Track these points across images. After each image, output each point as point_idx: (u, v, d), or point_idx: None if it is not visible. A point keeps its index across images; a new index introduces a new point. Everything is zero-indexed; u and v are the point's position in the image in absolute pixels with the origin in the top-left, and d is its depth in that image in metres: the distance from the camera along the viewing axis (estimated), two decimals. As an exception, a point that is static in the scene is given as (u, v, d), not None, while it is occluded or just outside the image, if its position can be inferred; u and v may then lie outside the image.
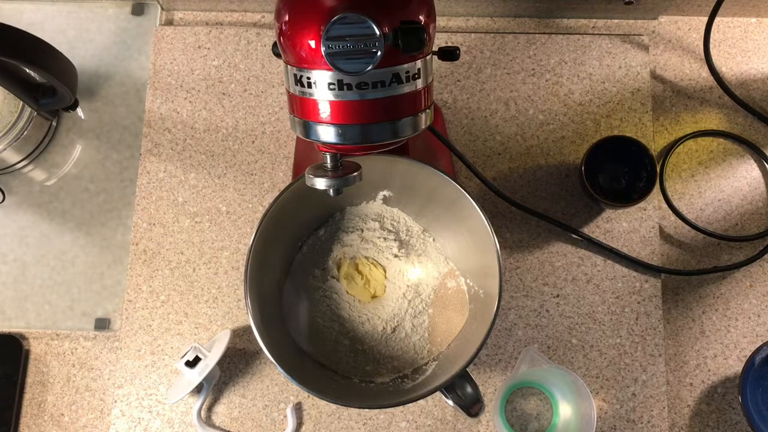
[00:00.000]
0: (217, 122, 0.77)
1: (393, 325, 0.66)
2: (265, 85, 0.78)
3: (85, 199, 0.76)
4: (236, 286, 0.73)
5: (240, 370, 0.71)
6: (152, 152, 0.76)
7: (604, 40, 0.79)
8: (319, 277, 0.67)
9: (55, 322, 0.73)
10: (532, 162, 0.76)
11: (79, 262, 0.75)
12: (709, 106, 0.78)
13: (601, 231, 0.74)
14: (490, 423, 0.70)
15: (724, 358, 0.72)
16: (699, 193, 0.76)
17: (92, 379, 0.72)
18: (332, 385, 0.63)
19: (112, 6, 0.81)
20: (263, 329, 0.56)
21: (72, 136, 0.78)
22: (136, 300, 0.73)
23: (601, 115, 0.77)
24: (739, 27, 0.81)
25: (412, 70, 0.47)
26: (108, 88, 0.79)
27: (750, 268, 0.74)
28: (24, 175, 0.77)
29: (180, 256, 0.74)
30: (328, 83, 0.45)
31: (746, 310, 0.74)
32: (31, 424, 0.71)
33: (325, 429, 0.70)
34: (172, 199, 0.75)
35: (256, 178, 0.76)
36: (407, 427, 0.70)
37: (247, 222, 0.75)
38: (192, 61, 0.78)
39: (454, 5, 0.79)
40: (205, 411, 0.70)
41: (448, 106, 0.78)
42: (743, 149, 0.77)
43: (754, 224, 0.76)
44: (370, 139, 0.48)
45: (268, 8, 0.81)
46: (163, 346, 0.72)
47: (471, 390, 0.56)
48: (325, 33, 0.42)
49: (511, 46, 0.79)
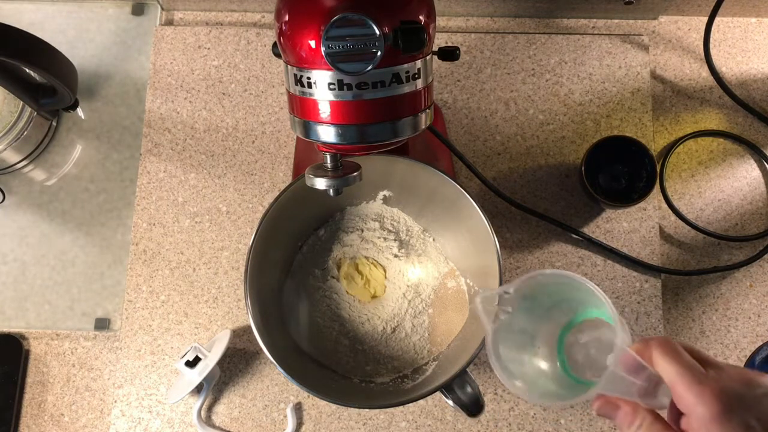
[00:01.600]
0: (217, 122, 0.77)
1: (393, 325, 0.66)
2: (265, 85, 0.78)
3: (85, 199, 0.76)
4: (236, 286, 0.73)
5: (240, 370, 0.71)
6: (152, 152, 0.76)
7: (604, 40, 0.79)
8: (319, 277, 0.67)
9: (55, 322, 0.73)
10: (532, 162, 0.76)
11: (79, 262, 0.75)
12: (709, 106, 0.78)
13: (601, 231, 0.74)
14: (490, 423, 0.70)
15: (724, 358, 0.72)
16: (699, 193, 0.76)
17: (92, 379, 0.72)
18: (332, 385, 0.63)
19: (112, 6, 0.81)
20: (263, 329, 0.56)
21: (72, 136, 0.78)
22: (136, 300, 0.73)
23: (601, 115, 0.77)
24: (739, 27, 0.81)
25: (412, 70, 0.47)
26: (108, 88, 0.79)
27: (750, 268, 0.74)
28: (24, 175, 0.77)
29: (180, 256, 0.74)
30: (328, 83, 0.45)
31: (746, 310, 0.73)
32: (31, 424, 0.71)
33: (325, 429, 0.70)
34: (172, 199, 0.75)
35: (256, 178, 0.76)
36: (407, 427, 0.70)
37: (247, 222, 0.75)
38: (192, 61, 0.78)
39: (454, 5, 0.79)
40: (205, 411, 0.70)
41: (448, 106, 0.78)
42: (743, 149, 0.77)
43: (754, 224, 0.76)
44: (369, 139, 0.48)
45: (268, 8, 0.81)
46: (163, 346, 0.72)
47: (471, 390, 0.56)
48: (325, 33, 0.42)
49: (511, 46, 0.79)
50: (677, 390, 0.37)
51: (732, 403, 0.35)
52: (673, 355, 0.38)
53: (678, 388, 0.37)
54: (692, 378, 0.37)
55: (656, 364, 0.39)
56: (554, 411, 0.70)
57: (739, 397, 0.36)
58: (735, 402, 0.35)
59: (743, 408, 0.35)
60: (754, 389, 0.36)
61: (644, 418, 0.39)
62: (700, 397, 0.36)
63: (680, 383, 0.37)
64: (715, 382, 0.36)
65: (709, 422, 0.35)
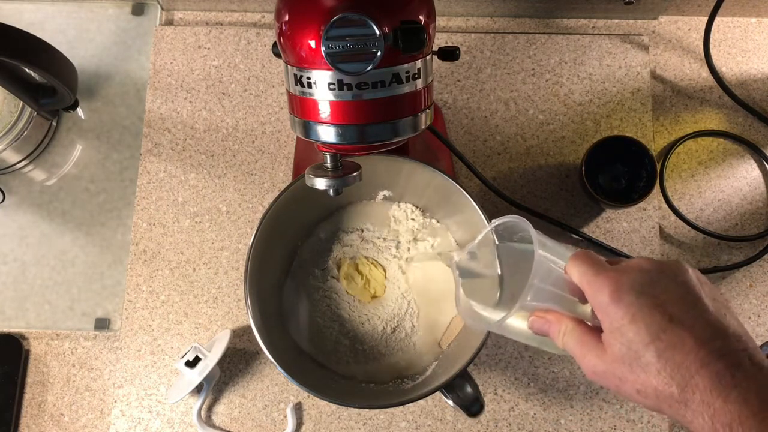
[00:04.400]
0: (217, 122, 0.77)
1: (393, 325, 0.66)
2: (265, 85, 0.78)
3: (85, 199, 0.76)
4: (236, 286, 0.73)
5: (240, 370, 0.71)
6: (152, 152, 0.76)
7: (604, 40, 0.79)
8: (319, 277, 0.67)
9: (55, 322, 0.73)
10: (532, 162, 0.76)
11: (79, 262, 0.75)
12: (709, 106, 0.78)
13: (601, 231, 0.74)
14: (490, 423, 0.70)
15: (724, 358, 0.72)
16: (699, 193, 0.76)
17: (92, 379, 0.72)
18: (332, 385, 0.63)
19: (112, 6, 0.81)
20: (263, 329, 0.56)
21: (72, 136, 0.78)
22: (136, 300, 0.73)
23: (601, 115, 0.77)
24: (739, 27, 0.81)
25: (412, 70, 0.47)
26: (108, 88, 0.79)
27: (750, 268, 0.74)
28: (24, 175, 0.77)
29: (180, 256, 0.74)
30: (328, 83, 0.45)
31: (746, 310, 0.73)
32: (31, 424, 0.71)
33: (325, 429, 0.70)
34: (172, 199, 0.75)
35: (256, 178, 0.76)
36: (407, 427, 0.70)
37: (247, 222, 0.75)
38: (192, 61, 0.78)
39: (454, 5, 0.79)
40: (205, 411, 0.70)
41: (448, 106, 0.78)
42: (743, 149, 0.77)
43: (754, 224, 0.76)
44: (369, 140, 0.48)
45: (268, 8, 0.81)
46: (163, 346, 0.72)
47: (471, 390, 0.56)
48: (325, 33, 0.42)
49: (511, 46, 0.79)
50: (584, 288, 0.39)
51: (623, 283, 0.37)
52: (582, 258, 0.40)
53: (584, 286, 0.39)
54: (593, 271, 0.38)
55: (569, 271, 0.40)
56: (554, 411, 0.70)
57: (632, 280, 0.37)
58: (627, 283, 0.37)
59: (636, 288, 0.37)
60: (650, 273, 0.37)
61: (566, 324, 0.40)
62: (598, 285, 0.38)
63: (585, 281, 0.39)
64: (613, 271, 0.38)
65: (607, 306, 0.37)
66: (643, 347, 0.36)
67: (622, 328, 0.36)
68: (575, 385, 0.70)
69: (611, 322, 0.37)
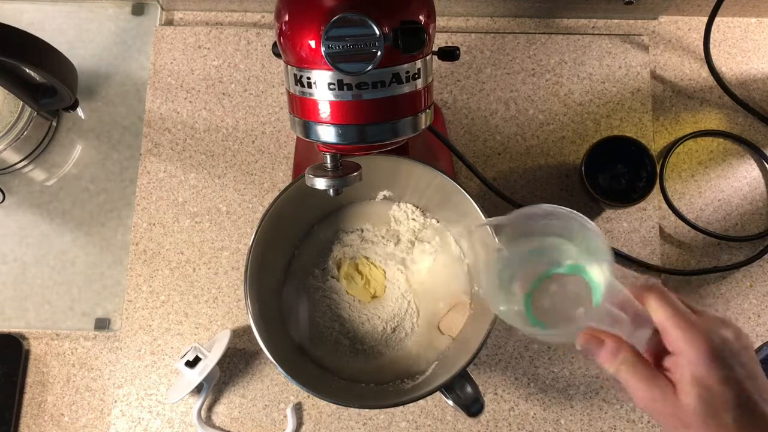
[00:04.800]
0: (217, 122, 0.77)
1: (393, 325, 0.66)
2: (265, 85, 0.78)
3: (85, 199, 0.76)
4: (236, 286, 0.73)
5: (240, 370, 0.71)
6: (152, 152, 0.76)
7: (604, 40, 0.79)
8: (319, 277, 0.67)
9: (55, 322, 0.73)
10: (532, 162, 0.76)
11: (79, 262, 0.75)
12: (709, 106, 0.78)
13: (601, 231, 0.74)
14: (490, 423, 0.70)
15: (724, 358, 0.72)
16: (699, 193, 0.76)
17: (92, 379, 0.72)
18: (332, 385, 0.63)
19: (112, 6, 0.81)
20: (263, 329, 0.56)
21: (72, 136, 0.78)
22: (136, 300, 0.73)
23: (601, 115, 0.77)
24: (739, 27, 0.81)
25: (412, 70, 0.47)
26: (108, 88, 0.79)
27: (750, 268, 0.74)
28: (24, 175, 0.77)
29: (180, 256, 0.74)
30: (328, 83, 0.45)
31: (746, 310, 0.73)
32: (31, 424, 0.71)
33: (325, 429, 0.70)
34: (172, 199, 0.75)
35: (256, 178, 0.76)
36: (407, 427, 0.70)
37: (247, 222, 0.75)
38: (192, 61, 0.79)
39: (454, 5, 0.79)
40: (205, 411, 0.70)
41: (448, 106, 0.78)
42: (743, 149, 0.77)
43: (754, 224, 0.76)
44: (369, 140, 0.48)
45: (268, 8, 0.81)
46: (163, 346, 0.72)
47: (471, 390, 0.56)
48: (325, 33, 0.42)
49: (511, 46, 0.79)
50: (669, 331, 0.41)
51: (718, 346, 0.39)
52: (667, 299, 0.41)
53: (670, 329, 0.41)
54: (684, 322, 0.40)
55: (649, 306, 0.42)
56: (554, 411, 0.70)
57: (724, 342, 0.40)
58: (720, 346, 0.39)
59: (727, 353, 0.39)
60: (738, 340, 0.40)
61: (626, 354, 0.42)
62: (691, 340, 0.40)
63: (672, 325, 0.40)
64: (704, 327, 0.40)
65: (698, 362, 0.39)
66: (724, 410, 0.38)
67: (713, 388, 0.39)
68: (575, 385, 0.70)
69: (700, 378, 0.39)
